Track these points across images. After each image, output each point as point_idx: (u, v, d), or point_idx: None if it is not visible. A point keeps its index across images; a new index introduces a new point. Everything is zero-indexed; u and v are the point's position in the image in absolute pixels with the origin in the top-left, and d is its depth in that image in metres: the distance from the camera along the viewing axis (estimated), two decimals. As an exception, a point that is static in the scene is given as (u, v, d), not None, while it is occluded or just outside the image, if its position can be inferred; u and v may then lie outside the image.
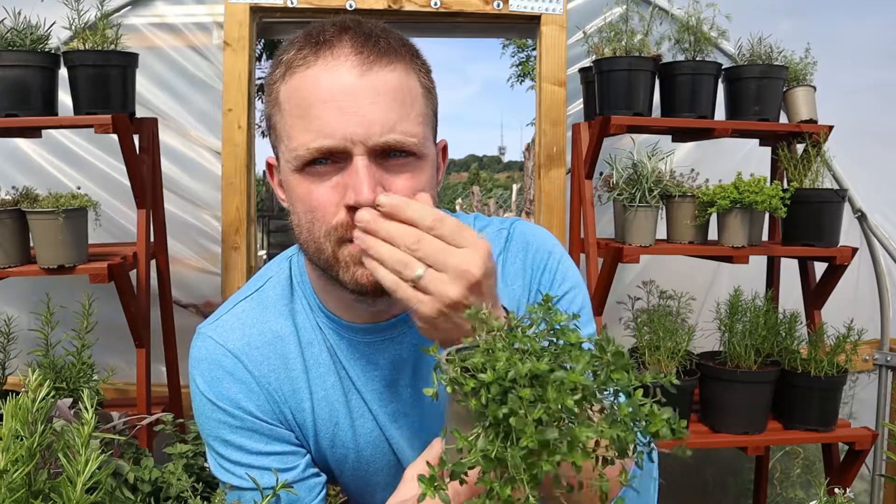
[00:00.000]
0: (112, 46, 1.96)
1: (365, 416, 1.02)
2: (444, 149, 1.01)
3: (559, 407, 0.56)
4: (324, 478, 1.03)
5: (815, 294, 2.34)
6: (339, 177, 0.85)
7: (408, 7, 2.30)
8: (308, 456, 1.03)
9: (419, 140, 0.86)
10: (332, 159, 0.84)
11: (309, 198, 0.86)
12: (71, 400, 0.91)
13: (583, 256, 2.27)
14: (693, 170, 2.23)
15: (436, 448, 0.76)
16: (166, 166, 2.29)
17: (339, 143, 0.82)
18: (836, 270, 2.23)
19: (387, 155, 0.85)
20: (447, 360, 0.66)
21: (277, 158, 0.93)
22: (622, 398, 0.59)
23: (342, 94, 0.83)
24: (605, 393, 0.60)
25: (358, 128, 0.82)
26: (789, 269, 2.43)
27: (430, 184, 0.90)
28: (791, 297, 2.39)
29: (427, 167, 0.89)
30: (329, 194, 0.85)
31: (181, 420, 1.37)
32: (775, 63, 2.21)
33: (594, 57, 2.20)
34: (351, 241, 0.85)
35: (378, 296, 0.88)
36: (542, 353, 0.62)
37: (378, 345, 1.00)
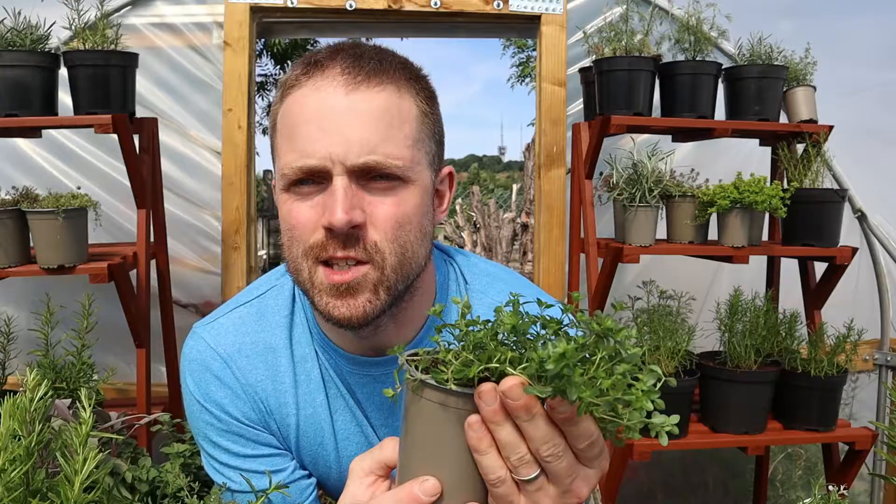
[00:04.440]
0: (112, 46, 1.96)
1: (350, 440, 1.01)
2: (451, 176, 0.98)
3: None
4: (313, 480, 1.03)
5: (815, 294, 2.34)
6: (320, 196, 0.84)
7: (408, 7, 2.30)
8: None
9: (404, 163, 0.83)
10: (314, 180, 0.83)
11: (290, 216, 0.86)
12: (70, 400, 0.91)
13: (583, 256, 2.27)
14: (693, 170, 2.23)
15: (387, 446, 0.73)
16: (166, 166, 2.29)
17: (319, 163, 0.81)
18: (836, 270, 2.23)
19: (370, 177, 0.83)
20: (409, 360, 0.65)
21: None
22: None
23: (324, 113, 0.82)
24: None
25: (337, 147, 0.81)
26: (789, 269, 2.43)
27: (418, 211, 0.87)
28: (791, 297, 2.39)
29: (416, 193, 0.86)
30: (308, 213, 0.84)
31: (179, 420, 1.36)
32: (775, 63, 2.21)
33: (594, 57, 2.20)
34: (325, 263, 0.84)
35: (355, 329, 0.86)
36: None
37: (369, 378, 0.99)
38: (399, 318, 0.92)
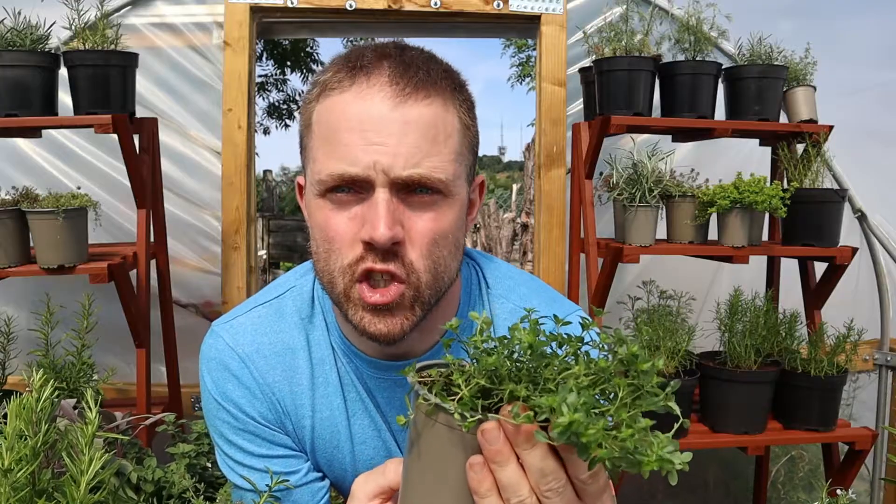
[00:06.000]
0: (112, 46, 1.96)
1: (366, 443, 1.01)
2: (481, 185, 0.97)
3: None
4: (327, 482, 1.03)
5: (815, 294, 2.34)
6: (359, 207, 0.82)
7: (408, 7, 2.30)
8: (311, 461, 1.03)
9: (447, 178, 0.83)
10: (353, 188, 0.82)
11: (327, 226, 0.84)
12: (75, 400, 0.91)
13: (583, 256, 2.27)
14: (693, 170, 2.23)
15: (389, 470, 0.72)
16: (166, 166, 2.29)
17: (362, 173, 0.80)
18: (836, 270, 2.23)
19: (411, 190, 0.82)
20: (420, 381, 0.64)
21: (306, 179, 0.91)
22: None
23: (371, 123, 0.80)
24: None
25: (382, 158, 0.79)
26: (789, 269, 2.44)
27: (454, 226, 0.86)
28: (791, 297, 2.39)
29: (454, 207, 0.86)
30: (347, 225, 0.82)
31: (183, 420, 1.37)
32: (775, 63, 2.21)
33: (594, 57, 2.20)
34: (362, 279, 0.83)
35: (388, 344, 0.85)
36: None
37: (390, 383, 0.98)
38: (424, 325, 0.90)
